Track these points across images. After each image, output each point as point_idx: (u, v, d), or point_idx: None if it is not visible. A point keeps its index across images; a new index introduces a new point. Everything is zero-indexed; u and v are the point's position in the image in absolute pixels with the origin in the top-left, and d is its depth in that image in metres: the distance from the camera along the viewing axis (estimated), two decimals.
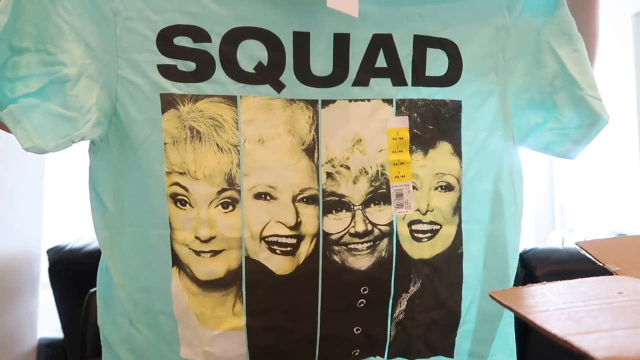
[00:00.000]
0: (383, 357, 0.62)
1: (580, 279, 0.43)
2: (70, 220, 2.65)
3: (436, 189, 0.61)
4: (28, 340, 1.84)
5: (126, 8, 0.55)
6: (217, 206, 0.57)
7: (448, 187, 0.62)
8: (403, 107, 0.60)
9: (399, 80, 0.59)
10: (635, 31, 2.67)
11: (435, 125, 0.61)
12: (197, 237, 0.57)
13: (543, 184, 4.39)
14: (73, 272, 1.58)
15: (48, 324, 1.94)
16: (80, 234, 1.77)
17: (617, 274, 0.47)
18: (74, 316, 1.42)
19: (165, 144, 0.56)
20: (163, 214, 0.57)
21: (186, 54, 0.56)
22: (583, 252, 0.52)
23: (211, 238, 0.57)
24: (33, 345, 1.86)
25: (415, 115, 0.60)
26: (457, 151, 0.62)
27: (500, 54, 0.62)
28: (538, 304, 0.38)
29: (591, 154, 3.57)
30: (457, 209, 0.62)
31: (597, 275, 0.46)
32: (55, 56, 0.54)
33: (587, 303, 0.36)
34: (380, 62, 0.59)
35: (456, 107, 0.61)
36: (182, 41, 0.56)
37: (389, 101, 0.59)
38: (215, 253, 0.57)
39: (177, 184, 0.57)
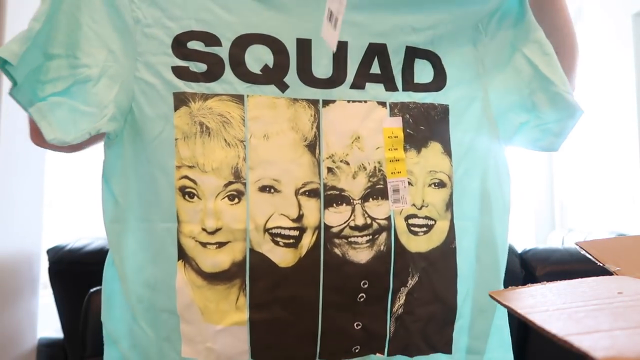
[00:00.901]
0: (383, 354, 0.63)
1: (580, 279, 0.43)
2: (70, 220, 2.65)
3: (430, 185, 0.65)
4: (28, 340, 1.84)
5: (145, 16, 0.60)
6: (223, 198, 0.59)
7: (440, 184, 0.65)
8: (396, 109, 0.64)
9: (390, 86, 0.64)
10: (635, 31, 2.67)
11: (426, 126, 0.65)
12: (203, 229, 0.59)
13: (543, 184, 4.39)
14: (73, 272, 1.58)
15: (48, 324, 1.94)
16: (80, 234, 1.77)
17: (617, 274, 0.47)
18: (74, 316, 1.42)
19: (176, 139, 0.60)
20: (171, 207, 0.60)
21: (198, 57, 0.60)
22: (583, 252, 0.52)
23: (217, 229, 0.59)
24: (33, 345, 1.86)
25: (408, 116, 0.64)
26: (447, 151, 0.66)
27: (479, 64, 0.68)
28: (538, 304, 0.38)
29: (591, 154, 3.58)
30: (449, 205, 0.65)
31: (597, 275, 0.46)
32: (81, 60, 0.58)
33: (587, 303, 0.36)
34: (375, 68, 0.63)
35: (444, 110, 0.66)
36: (195, 45, 0.60)
37: (383, 103, 0.63)
38: (220, 245, 0.59)
39: (186, 177, 0.59)
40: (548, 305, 0.36)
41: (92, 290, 1.32)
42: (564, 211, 4.13)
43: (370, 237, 0.61)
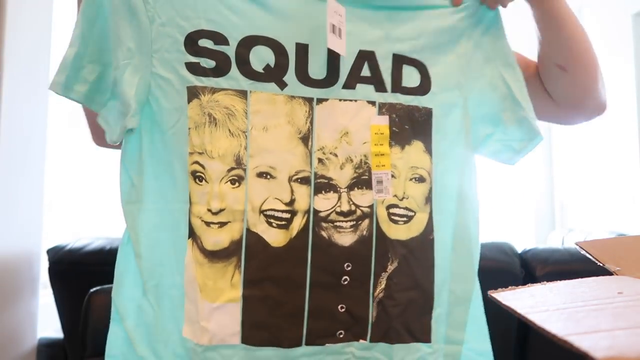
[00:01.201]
0: (366, 340, 0.67)
1: (580, 279, 0.43)
2: (70, 220, 2.65)
3: (411, 179, 0.70)
4: (28, 340, 1.84)
5: (160, 16, 0.65)
6: (226, 182, 0.65)
7: (420, 179, 0.71)
8: (384, 109, 0.70)
9: (380, 88, 0.70)
10: (635, 31, 2.67)
11: (410, 126, 0.71)
12: (209, 210, 0.65)
13: (543, 184, 4.39)
14: (73, 272, 1.58)
15: (48, 324, 1.94)
16: (80, 234, 1.77)
17: (617, 274, 0.47)
18: (74, 316, 1.42)
19: (189, 128, 0.66)
20: (185, 189, 0.66)
21: (208, 54, 0.66)
22: (583, 252, 0.52)
23: (221, 210, 0.65)
24: (33, 345, 1.86)
25: (394, 116, 0.70)
26: (428, 150, 0.72)
27: (461, 75, 0.74)
28: (538, 304, 0.38)
29: (591, 154, 3.57)
30: (428, 199, 0.71)
31: (597, 275, 0.46)
32: (114, 63, 0.66)
33: (587, 303, 0.36)
34: (365, 72, 0.70)
35: (427, 113, 0.72)
36: (205, 43, 0.66)
37: (372, 103, 0.70)
38: (222, 224, 0.65)
39: (197, 162, 0.65)
40: (548, 305, 0.36)
41: (92, 290, 1.32)
42: (564, 211, 4.13)
43: (354, 222, 0.67)
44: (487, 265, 1.66)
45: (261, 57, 0.67)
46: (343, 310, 0.67)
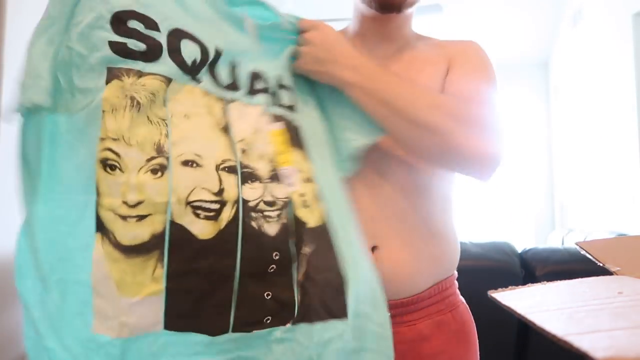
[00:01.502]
0: (291, 323, 0.68)
1: (580, 279, 0.43)
2: None
3: (305, 180, 0.75)
4: None
5: None
6: (146, 172, 0.61)
7: (308, 180, 0.76)
8: (275, 118, 0.76)
9: (270, 101, 0.77)
10: (635, 31, 2.67)
11: (293, 136, 0.77)
12: (124, 202, 0.60)
13: (543, 184, 4.39)
14: None
15: None
16: None
17: (617, 274, 0.47)
18: None
19: (103, 111, 0.61)
20: (91, 179, 0.61)
21: (138, 36, 0.64)
22: (583, 252, 0.52)
23: (139, 203, 0.60)
24: None
25: (284, 124, 0.76)
26: (308, 157, 0.78)
27: (318, 101, 0.85)
28: (538, 304, 0.38)
29: (591, 155, 3.57)
30: (319, 195, 0.76)
31: (597, 275, 0.46)
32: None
33: (587, 303, 0.36)
34: (258, 86, 0.76)
35: (297, 128, 0.79)
36: (135, 25, 0.64)
37: (267, 112, 0.75)
38: (141, 218, 0.61)
39: (109, 149, 0.60)
40: (548, 305, 0.36)
41: None
42: (564, 211, 4.13)
43: (279, 212, 0.69)
44: (487, 265, 1.66)
45: (189, 50, 0.68)
46: (269, 297, 0.66)
